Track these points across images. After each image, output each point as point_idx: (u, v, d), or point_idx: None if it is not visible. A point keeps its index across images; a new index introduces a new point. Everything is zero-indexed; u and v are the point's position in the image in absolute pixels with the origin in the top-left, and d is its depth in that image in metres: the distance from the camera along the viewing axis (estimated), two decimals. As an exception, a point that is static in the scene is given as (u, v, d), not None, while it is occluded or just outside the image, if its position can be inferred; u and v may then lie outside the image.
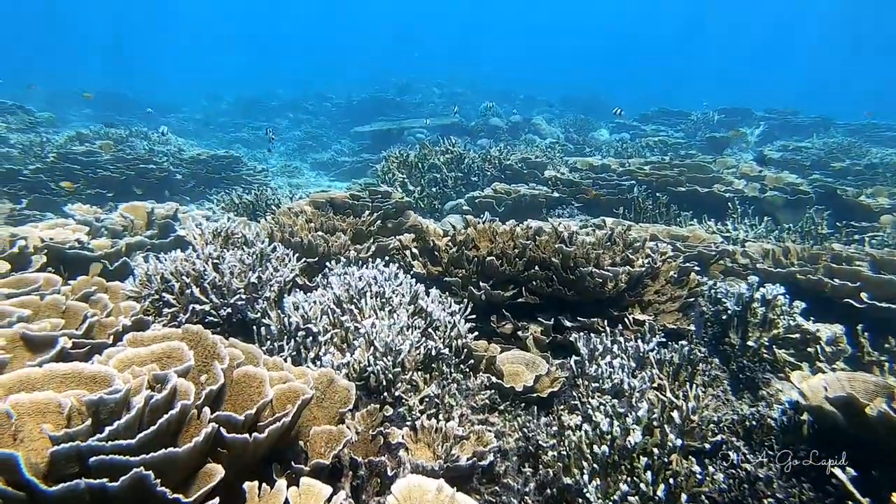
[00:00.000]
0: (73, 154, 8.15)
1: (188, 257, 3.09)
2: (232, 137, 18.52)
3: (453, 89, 24.94)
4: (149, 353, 2.35)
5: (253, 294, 2.99)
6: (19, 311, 2.62)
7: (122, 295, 3.09)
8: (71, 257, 3.74)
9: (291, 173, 12.92)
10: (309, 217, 3.94)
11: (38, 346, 2.47)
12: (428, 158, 7.55)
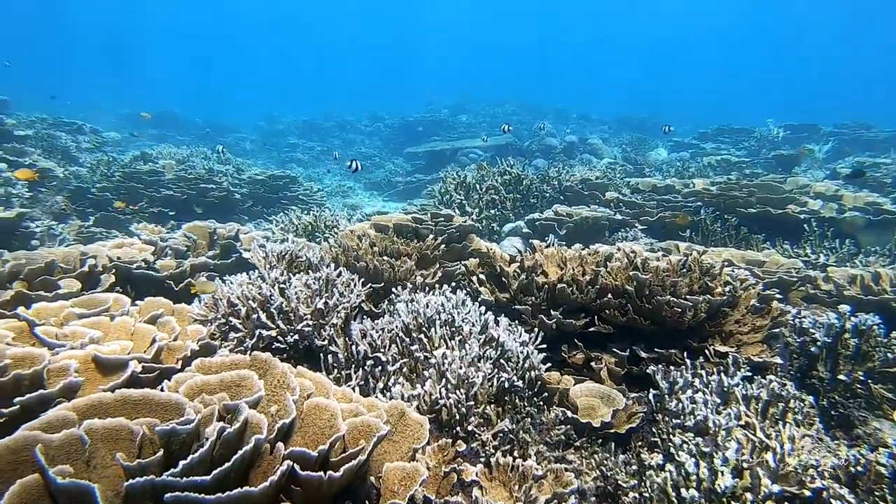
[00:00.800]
0: (137, 173, 8.35)
1: (254, 281, 3.03)
2: (287, 157, 18.86)
3: (505, 109, 24.90)
4: (218, 381, 2.28)
5: (319, 320, 2.91)
6: (91, 333, 2.59)
7: (188, 318, 3.05)
8: (138, 277, 3.74)
9: (346, 193, 13.02)
10: (373, 241, 3.86)
11: (109, 368, 2.43)
12: (485, 180, 7.44)
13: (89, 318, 2.80)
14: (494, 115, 23.84)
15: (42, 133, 10.94)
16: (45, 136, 10.80)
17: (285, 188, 9.47)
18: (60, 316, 2.94)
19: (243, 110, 31.87)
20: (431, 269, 3.67)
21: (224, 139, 21.07)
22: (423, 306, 3.07)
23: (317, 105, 32.46)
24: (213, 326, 2.93)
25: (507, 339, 2.97)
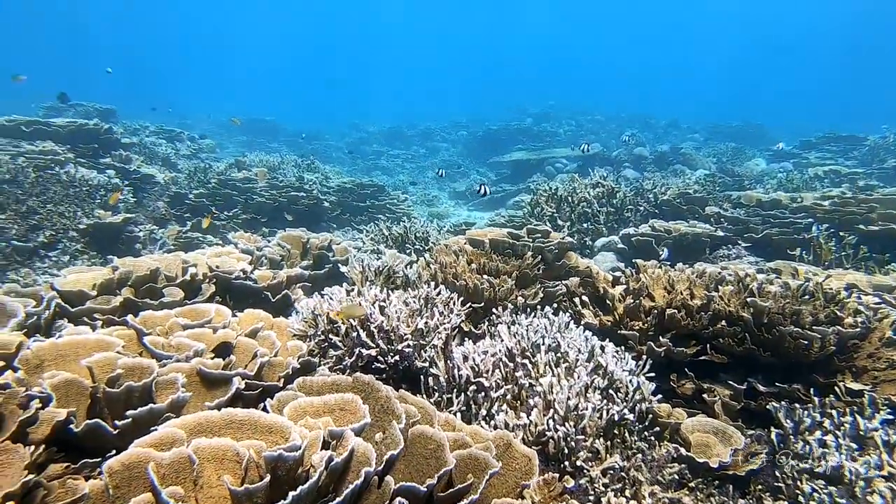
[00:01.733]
0: (232, 181, 8.60)
1: (353, 297, 2.97)
2: (371, 165, 19.13)
3: (591, 117, 24.41)
4: (321, 403, 2.21)
5: (420, 341, 2.81)
6: (196, 345, 2.59)
7: (288, 333, 3.02)
8: (236, 287, 3.77)
9: (431, 202, 13.03)
10: (470, 257, 3.75)
11: (213, 383, 2.41)
12: (578, 192, 7.22)
13: (193, 330, 2.81)
14: (579, 123, 23.42)
15: (146, 141, 11.50)
16: (148, 144, 11.34)
17: (373, 197, 9.54)
18: (166, 325, 2.97)
19: (329, 118, 32.66)
20: (532, 289, 3.51)
21: (311, 146, 21.64)
22: (526, 329, 2.93)
23: (400, 113, 32.99)
24: (312, 343, 2.89)
25: (616, 367, 2.78)
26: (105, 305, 3.31)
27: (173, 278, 3.73)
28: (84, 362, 2.35)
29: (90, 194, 6.72)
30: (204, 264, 4.03)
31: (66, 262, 5.72)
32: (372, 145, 22.59)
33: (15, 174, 6.24)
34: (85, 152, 8.55)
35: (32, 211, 5.99)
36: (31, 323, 3.05)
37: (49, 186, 6.37)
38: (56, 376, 2.25)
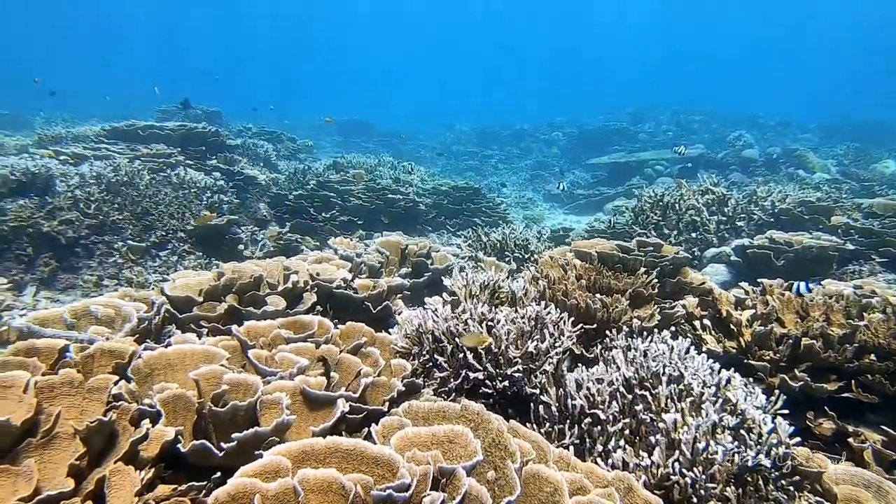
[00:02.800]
0: (329, 182, 8.70)
1: (459, 315, 2.82)
2: (464, 166, 19.06)
3: (690, 117, 23.28)
4: (430, 434, 2.07)
5: (530, 365, 2.63)
6: (300, 361, 2.52)
7: (390, 349, 2.91)
8: (337, 297, 3.72)
9: (525, 205, 12.78)
10: (579, 272, 3.52)
11: (316, 404, 2.33)
12: (685, 199, 6.80)
13: (296, 345, 2.75)
14: (679, 123, 22.41)
15: (249, 142, 11.88)
16: (250, 145, 11.71)
17: (469, 200, 9.42)
18: (269, 337, 2.93)
19: (423, 118, 32.91)
20: (648, 310, 3.25)
21: (405, 147, 21.84)
22: (643, 356, 2.69)
23: (492, 114, 32.80)
24: (416, 362, 2.77)
25: (746, 403, 2.50)
26: (210, 313, 3.32)
27: (275, 285, 3.72)
28: (192, 375, 2.33)
29: (198, 196, 6.95)
30: (305, 271, 4.00)
31: (174, 261, 5.92)
32: (465, 146, 22.54)
33: (132, 177, 6.53)
34: (193, 154, 8.89)
35: (146, 212, 6.24)
36: (143, 328, 3.09)
37: (161, 188, 6.63)
38: (165, 390, 2.23)
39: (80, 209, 5.93)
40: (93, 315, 3.20)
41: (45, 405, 1.97)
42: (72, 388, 2.03)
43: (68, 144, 8.66)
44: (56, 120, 13.81)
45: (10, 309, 4.31)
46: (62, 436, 1.87)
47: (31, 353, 2.49)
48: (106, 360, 2.54)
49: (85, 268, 5.77)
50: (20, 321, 2.94)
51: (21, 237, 5.45)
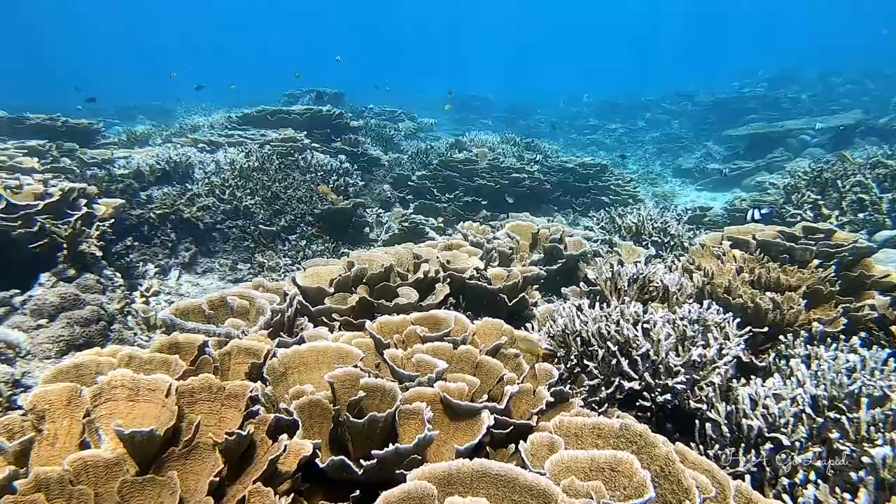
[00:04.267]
0: (453, 162, 8.53)
1: (610, 315, 2.53)
2: (587, 140, 18.34)
3: (841, 78, 21.00)
4: (588, 460, 1.82)
5: (693, 375, 2.29)
6: (439, 365, 2.34)
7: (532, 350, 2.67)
8: (470, 289, 3.52)
9: (653, 181, 12.04)
10: (741, 265, 3.10)
11: (457, 415, 2.14)
12: (849, 174, 6.01)
13: (433, 344, 2.57)
14: (828, 86, 20.29)
15: (371, 123, 11.97)
16: (373, 126, 11.79)
17: (595, 177, 8.95)
18: (403, 334, 2.78)
19: (542, 92, 32.12)
20: (829, 312, 2.79)
21: (523, 122, 21.36)
22: (832, 370, 2.28)
23: (616, 84, 31.40)
24: (563, 367, 2.51)
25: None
26: (342, 305, 3.23)
27: (405, 275, 3.58)
28: (327, 377, 2.20)
29: (324, 179, 7.00)
30: (435, 259, 3.84)
31: (302, 245, 5.98)
32: (586, 119, 21.70)
33: (262, 162, 6.67)
34: (319, 137, 9.02)
35: (276, 196, 6.35)
36: (276, 321, 3.05)
37: (289, 172, 6.73)
38: (302, 395, 2.12)
39: (216, 195, 6.12)
40: (229, 306, 3.20)
41: (185, 410, 1.91)
42: (210, 394, 1.95)
43: (206, 133, 9.05)
44: (195, 110, 14.59)
45: (157, 294, 4.48)
46: (202, 446, 1.79)
47: (173, 349, 2.48)
48: (242, 357, 2.49)
49: (221, 252, 5.96)
50: (164, 313, 2.97)
51: (165, 223, 5.70)
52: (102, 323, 3.35)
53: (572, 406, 2.25)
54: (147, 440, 1.70)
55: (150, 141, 9.89)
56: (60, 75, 39.27)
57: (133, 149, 8.61)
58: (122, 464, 1.75)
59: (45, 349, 3.07)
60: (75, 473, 1.68)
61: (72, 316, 3.24)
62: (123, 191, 5.82)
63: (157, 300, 4.49)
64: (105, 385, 1.93)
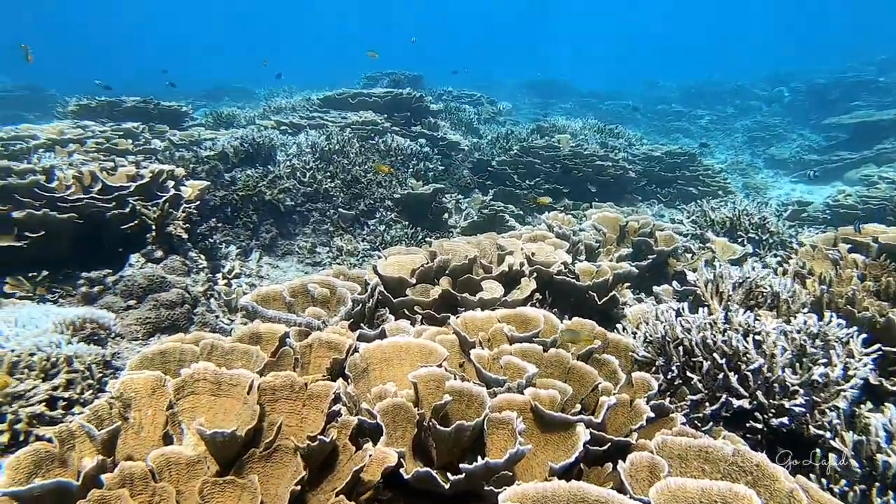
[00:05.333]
0: (534, 148, 8.30)
1: (715, 322, 2.31)
2: (671, 127, 17.59)
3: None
4: (698, 490, 1.63)
5: (814, 397, 2.06)
6: (529, 369, 2.19)
7: (628, 356, 2.48)
8: (557, 285, 3.34)
9: (744, 171, 11.37)
10: (863, 271, 2.80)
11: (549, 427, 1.98)
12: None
13: (521, 346, 2.42)
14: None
15: (450, 106, 11.83)
16: (452, 110, 11.65)
17: (683, 166, 8.52)
18: (488, 332, 2.65)
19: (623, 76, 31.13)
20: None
21: (604, 107, 20.71)
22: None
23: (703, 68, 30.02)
24: (661, 377, 2.31)
25: None
26: (424, 298, 3.12)
27: (489, 268, 3.44)
28: (411, 377, 2.09)
29: (404, 163, 6.93)
30: (520, 251, 3.68)
31: (381, 230, 5.93)
32: (670, 105, 20.81)
33: (342, 145, 6.65)
34: (399, 121, 8.96)
35: (356, 180, 6.32)
36: (357, 311, 2.97)
37: (369, 156, 6.69)
38: (385, 397, 2.02)
39: (297, 178, 6.14)
40: (309, 294, 3.15)
41: (267, 409, 1.84)
42: (292, 393, 1.88)
43: (287, 115, 9.14)
44: (277, 92, 14.83)
45: (238, 276, 4.52)
46: (283, 449, 1.72)
47: (254, 339, 2.44)
48: (324, 350, 2.42)
49: (300, 234, 5.99)
50: (246, 299, 2.94)
51: (248, 205, 5.76)
52: (187, 306, 3.37)
53: (673, 423, 2.06)
54: (229, 441, 1.63)
55: (234, 122, 10.09)
56: (150, 55, 41.11)
57: (218, 130, 8.80)
58: (203, 462, 1.69)
59: (133, 330, 3.10)
60: (158, 470, 1.64)
61: (158, 298, 3.27)
62: (209, 172, 5.91)
63: (237, 282, 4.53)
64: (188, 378, 1.89)
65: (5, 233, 3.54)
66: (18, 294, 3.34)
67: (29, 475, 1.65)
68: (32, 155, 4.78)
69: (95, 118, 7.96)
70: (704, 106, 19.87)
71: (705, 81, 23.46)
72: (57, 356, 2.42)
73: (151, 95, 9.03)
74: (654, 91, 24.41)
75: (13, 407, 2.15)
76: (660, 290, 3.57)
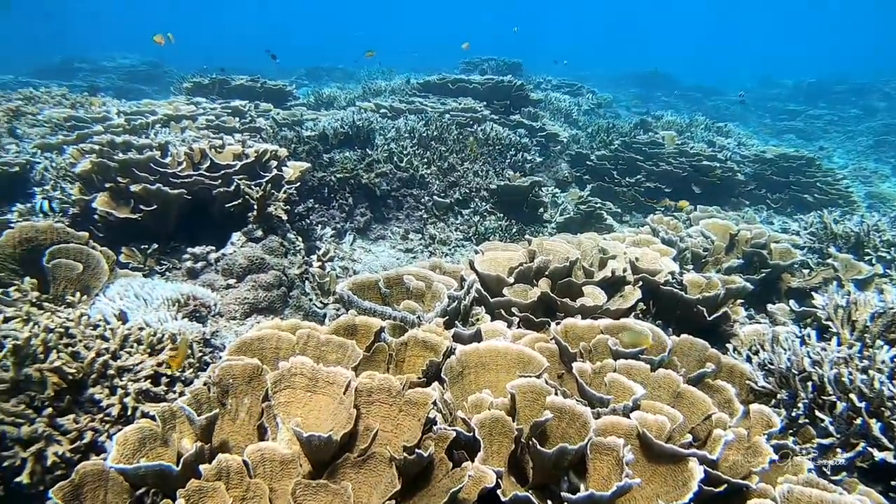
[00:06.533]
0: (637, 143, 7.96)
1: (851, 357, 2.07)
2: (783, 126, 16.52)
3: None
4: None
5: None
6: (637, 390, 2.04)
7: (744, 384, 2.29)
8: (662, 295, 3.14)
9: (867, 179, 10.47)
10: None
11: (657, 458, 1.84)
12: None
13: (627, 363, 2.27)
14: None
15: (550, 96, 11.55)
16: (552, 100, 11.37)
17: (798, 171, 7.94)
18: (590, 343, 2.51)
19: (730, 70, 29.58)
20: None
21: (710, 103, 19.73)
22: None
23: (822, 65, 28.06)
24: (783, 412, 2.10)
25: None
26: (522, 300, 3.01)
27: (591, 271, 3.28)
28: (509, 387, 1.99)
29: (502, 153, 6.80)
30: (622, 256, 3.49)
31: (476, 221, 5.84)
32: (784, 103, 19.55)
33: (441, 131, 6.59)
34: (498, 108, 8.81)
35: (452, 168, 6.25)
36: (452, 308, 2.89)
37: (466, 144, 6.59)
38: (481, 406, 1.94)
39: (394, 162, 6.13)
40: (405, 286, 3.10)
41: (362, 411, 1.79)
42: (389, 397, 1.82)
43: (387, 98, 9.18)
44: (376, 74, 14.96)
45: (332, 259, 4.55)
46: (378, 457, 1.66)
47: (349, 332, 2.41)
48: (419, 350, 2.36)
49: (394, 220, 5.98)
50: (342, 287, 2.92)
51: (344, 187, 5.80)
52: (283, 288, 3.40)
53: (799, 468, 1.86)
54: (324, 445, 1.59)
55: (334, 103, 10.24)
56: (255, 33, 42.64)
57: (319, 111, 8.95)
58: (297, 461, 1.66)
59: (232, 310, 3.16)
60: (253, 465, 1.62)
61: (257, 279, 3.31)
62: (309, 152, 5.99)
63: (331, 265, 4.56)
64: (286, 372, 1.86)
65: (124, 205, 3.69)
66: (132, 265, 3.47)
67: (134, 451, 1.69)
68: (150, 130, 4.98)
69: (206, 95, 8.27)
70: (823, 105, 18.53)
71: (827, 79, 21.85)
72: (162, 332, 2.48)
73: (258, 74, 9.30)
74: (767, 88, 23.01)
75: (123, 380, 2.20)
76: (775, 310, 3.30)
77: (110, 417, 2.11)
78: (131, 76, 16.95)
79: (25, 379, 2.05)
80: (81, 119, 5.41)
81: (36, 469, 1.95)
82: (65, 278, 2.90)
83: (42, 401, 2.06)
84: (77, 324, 2.35)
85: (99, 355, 2.21)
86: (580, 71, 23.56)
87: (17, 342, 2.04)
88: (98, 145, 4.01)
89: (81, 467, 1.73)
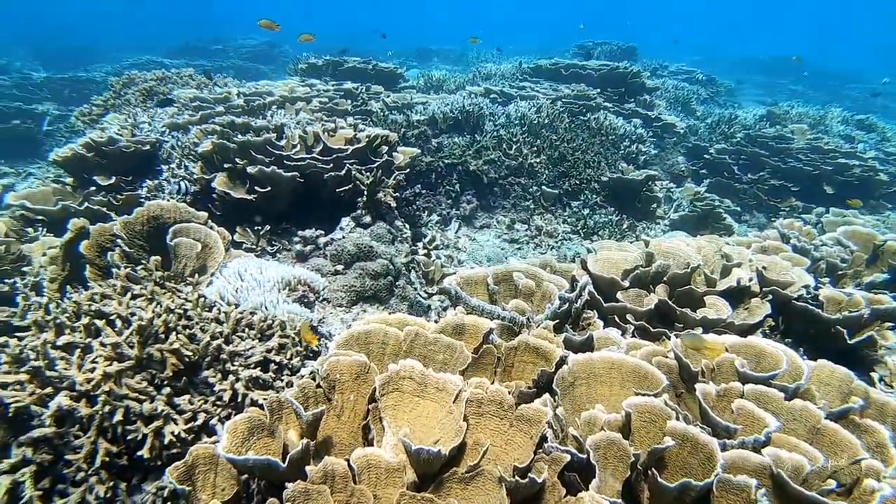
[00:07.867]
0: (762, 137, 7.41)
1: None
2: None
3: None
4: None
5: None
6: (771, 424, 1.84)
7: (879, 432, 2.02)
8: (794, 311, 2.87)
9: None
10: None
11: (793, 502, 1.64)
12: None
13: (756, 389, 2.06)
14: None
15: (667, 84, 10.98)
16: (668, 87, 10.80)
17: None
18: (713, 361, 2.31)
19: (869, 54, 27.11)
20: None
21: (847, 90, 18.17)
22: None
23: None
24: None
25: None
26: (638, 307, 2.83)
27: (713, 280, 3.04)
28: (626, 406, 1.86)
29: (615, 144, 6.52)
30: (748, 263, 3.22)
31: (584, 214, 5.63)
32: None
33: (552, 119, 6.39)
34: (611, 97, 8.46)
35: (562, 157, 6.05)
36: (563, 311, 2.76)
37: (579, 133, 6.36)
38: (595, 425, 1.81)
39: (503, 150, 6.00)
40: (514, 283, 3.00)
41: (471, 422, 1.71)
42: (500, 410, 1.73)
43: (497, 82, 9.03)
44: (487, 57, 14.78)
45: (437, 248, 4.51)
46: (486, 475, 1.58)
47: (457, 331, 2.33)
48: (529, 356, 2.25)
49: (500, 208, 5.87)
50: (450, 281, 2.86)
51: (452, 173, 5.75)
52: (390, 278, 3.38)
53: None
54: (433, 459, 1.52)
55: (444, 86, 10.19)
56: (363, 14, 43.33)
57: (428, 94, 8.93)
58: (403, 470, 1.61)
59: (339, 297, 3.17)
60: (359, 471, 1.58)
61: (364, 267, 3.31)
62: (417, 137, 5.97)
63: (436, 253, 4.52)
64: (394, 375, 1.81)
65: (240, 185, 3.80)
66: (245, 245, 3.56)
67: (244, 440, 1.70)
68: (267, 112, 5.11)
69: (320, 76, 8.43)
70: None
71: None
72: (272, 318, 2.50)
73: (370, 56, 9.40)
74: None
75: (234, 365, 2.24)
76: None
77: (221, 402, 2.15)
78: (252, 56, 17.74)
79: (148, 358, 2.12)
80: (205, 99, 5.63)
81: (154, 444, 2.01)
82: (185, 256, 3.00)
83: (161, 380, 2.13)
84: (195, 305, 2.41)
85: (213, 339, 2.26)
86: (699, 54, 22.37)
87: (142, 322, 2.11)
88: (219, 126, 4.14)
89: (195, 449, 1.77)
